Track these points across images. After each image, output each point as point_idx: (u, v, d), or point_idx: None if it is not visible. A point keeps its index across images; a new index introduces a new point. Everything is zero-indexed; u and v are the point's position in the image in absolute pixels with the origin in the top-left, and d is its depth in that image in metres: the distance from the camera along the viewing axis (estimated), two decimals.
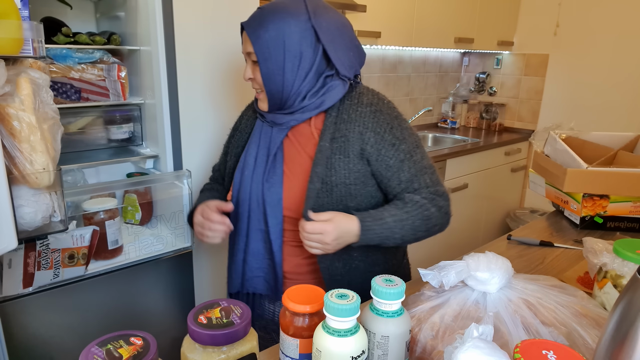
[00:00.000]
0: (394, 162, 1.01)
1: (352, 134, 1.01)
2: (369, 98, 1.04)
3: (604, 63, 2.95)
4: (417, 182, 1.02)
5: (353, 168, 1.01)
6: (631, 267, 0.80)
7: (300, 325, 0.64)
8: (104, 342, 0.53)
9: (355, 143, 1.01)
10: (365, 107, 1.02)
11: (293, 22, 0.97)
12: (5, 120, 0.85)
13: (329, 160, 1.01)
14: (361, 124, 1.01)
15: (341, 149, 1.01)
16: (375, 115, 1.01)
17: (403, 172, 1.01)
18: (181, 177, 1.46)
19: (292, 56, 0.98)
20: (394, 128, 1.02)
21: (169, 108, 1.45)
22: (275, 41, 0.97)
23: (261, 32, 0.98)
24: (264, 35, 0.97)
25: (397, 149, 1.01)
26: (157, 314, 1.49)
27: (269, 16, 0.98)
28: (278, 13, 0.98)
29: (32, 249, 1.13)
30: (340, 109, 1.04)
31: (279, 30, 0.97)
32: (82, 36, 1.43)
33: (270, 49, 0.98)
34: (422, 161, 1.04)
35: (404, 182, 1.02)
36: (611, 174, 1.27)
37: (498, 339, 0.65)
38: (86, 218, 1.29)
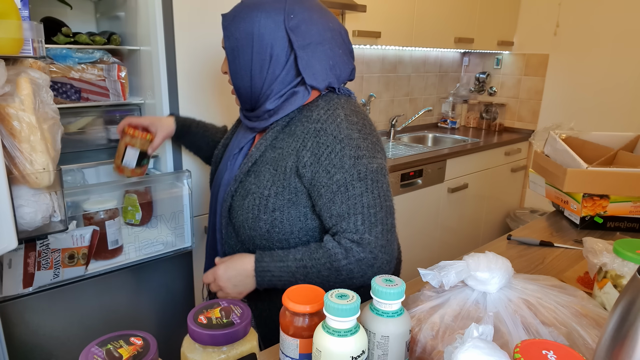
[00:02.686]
0: (324, 192, 0.90)
1: (288, 149, 0.94)
2: (319, 114, 0.93)
3: (604, 63, 2.95)
4: (345, 222, 0.89)
5: (278, 182, 0.93)
6: (631, 267, 0.80)
7: (300, 325, 0.64)
8: (104, 342, 0.53)
9: (289, 159, 0.93)
10: (312, 124, 0.92)
11: (265, 21, 0.92)
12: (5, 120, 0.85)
13: (255, 167, 0.98)
14: (300, 140, 0.92)
15: (274, 160, 0.95)
16: (317, 134, 0.90)
17: (334, 205, 0.89)
18: (181, 177, 1.46)
19: (261, 58, 0.93)
20: (332, 153, 0.89)
21: (169, 108, 1.45)
22: (244, 39, 0.93)
23: (232, 27, 0.94)
24: (234, 32, 0.94)
25: (330, 177, 0.89)
26: (157, 314, 1.49)
27: (243, 12, 0.94)
28: (253, 10, 0.93)
29: (32, 249, 1.13)
30: (293, 120, 0.96)
31: (249, 29, 0.92)
32: (82, 36, 1.43)
33: (239, 47, 0.94)
34: (361, 197, 0.88)
35: (334, 217, 0.90)
36: (611, 174, 1.27)
37: (498, 339, 0.65)
38: (86, 218, 1.29)
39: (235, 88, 1.00)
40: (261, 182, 0.96)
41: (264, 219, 0.95)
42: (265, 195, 0.95)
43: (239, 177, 0.99)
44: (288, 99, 0.95)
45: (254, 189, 0.96)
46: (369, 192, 0.89)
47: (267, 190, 0.95)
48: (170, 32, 1.39)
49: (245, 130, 1.06)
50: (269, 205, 0.95)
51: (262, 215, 0.95)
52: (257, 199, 0.95)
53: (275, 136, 0.97)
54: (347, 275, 0.88)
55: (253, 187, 0.96)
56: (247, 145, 1.05)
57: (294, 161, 0.93)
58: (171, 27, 1.39)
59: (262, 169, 0.96)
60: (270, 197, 0.94)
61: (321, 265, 0.89)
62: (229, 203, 1.00)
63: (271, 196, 0.94)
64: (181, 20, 1.40)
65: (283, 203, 0.94)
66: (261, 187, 0.95)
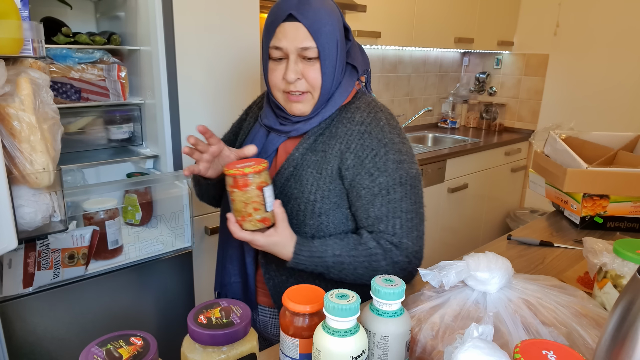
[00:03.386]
0: (365, 194, 0.91)
1: (331, 151, 0.93)
2: (362, 116, 0.93)
3: (604, 63, 2.95)
4: (383, 224, 0.90)
5: (323, 186, 0.92)
6: (631, 267, 0.80)
7: (300, 325, 0.64)
8: (104, 342, 0.53)
9: (333, 161, 0.92)
10: (355, 126, 0.92)
11: (336, 17, 0.91)
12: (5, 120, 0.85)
13: (296, 171, 0.94)
14: (344, 142, 0.92)
15: (316, 164, 0.93)
16: (362, 136, 0.92)
17: (373, 207, 0.90)
18: (181, 177, 1.46)
19: (342, 54, 0.93)
20: (377, 156, 0.90)
21: (169, 108, 1.45)
22: (332, 36, 0.89)
23: (321, 25, 0.88)
24: (324, 29, 0.88)
25: (373, 180, 0.90)
26: (157, 314, 1.49)
27: (321, 9, 0.89)
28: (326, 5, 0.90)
29: (32, 249, 1.13)
30: (334, 121, 0.95)
31: (333, 25, 0.90)
32: (82, 36, 1.43)
33: (330, 45, 0.90)
34: (400, 202, 0.90)
35: (372, 218, 0.91)
36: (611, 174, 1.27)
37: (498, 339, 0.65)
38: (86, 218, 1.29)
39: (323, 93, 0.93)
40: (304, 186, 0.93)
41: (310, 224, 0.93)
42: (312, 200, 0.92)
43: (279, 182, 0.96)
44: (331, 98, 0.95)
45: (297, 194, 0.93)
46: (407, 198, 0.91)
47: (312, 194, 0.92)
48: (170, 32, 1.39)
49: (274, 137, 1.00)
50: (315, 210, 0.93)
51: (308, 220, 0.93)
52: (302, 204, 0.93)
53: (315, 139, 0.95)
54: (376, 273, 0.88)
55: (295, 192, 0.94)
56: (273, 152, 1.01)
57: (338, 163, 0.92)
58: (171, 27, 1.39)
59: (304, 173, 0.94)
60: (317, 201, 0.92)
61: (359, 264, 0.89)
62: None
63: (317, 200, 0.92)
64: (181, 20, 1.40)
65: (329, 207, 0.93)
66: (305, 192, 0.93)
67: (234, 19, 1.53)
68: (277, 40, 0.89)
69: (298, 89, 0.91)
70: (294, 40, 0.87)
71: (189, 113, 1.50)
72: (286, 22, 0.87)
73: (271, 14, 0.91)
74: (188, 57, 1.45)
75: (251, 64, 1.62)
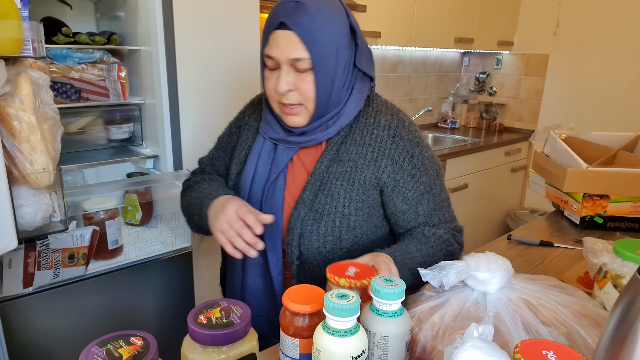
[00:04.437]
0: (412, 195, 0.91)
1: (363, 160, 0.89)
2: (387, 119, 0.91)
3: (604, 63, 2.95)
4: (436, 217, 0.93)
5: (356, 197, 0.89)
6: (631, 267, 0.79)
7: (300, 325, 0.64)
8: (104, 342, 0.53)
9: (367, 171, 0.89)
10: (383, 131, 0.90)
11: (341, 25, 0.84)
12: (5, 120, 0.85)
13: (324, 185, 0.89)
14: (376, 149, 0.89)
15: (345, 175, 0.89)
16: (393, 140, 0.89)
17: (422, 205, 0.92)
18: (181, 177, 1.46)
19: (344, 62, 0.86)
20: (414, 157, 0.90)
21: (169, 108, 1.45)
22: (329, 45, 0.82)
23: (316, 34, 0.81)
24: (319, 38, 0.81)
25: (417, 180, 0.90)
26: (157, 314, 1.49)
27: (319, 15, 0.81)
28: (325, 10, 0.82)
29: (32, 249, 1.13)
30: (353, 128, 0.91)
31: (332, 32, 0.82)
32: (82, 36, 1.43)
33: (326, 55, 0.83)
34: (441, 194, 0.94)
35: (422, 216, 0.92)
36: (611, 174, 1.27)
37: (498, 339, 0.65)
38: (86, 218, 1.29)
39: (317, 105, 0.87)
40: (337, 200, 0.89)
41: (346, 239, 0.90)
42: (346, 214, 0.89)
43: (308, 199, 0.89)
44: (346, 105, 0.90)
45: (329, 209, 0.89)
46: (444, 188, 0.97)
47: (346, 208, 0.89)
48: (170, 32, 1.39)
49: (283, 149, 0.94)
50: (350, 224, 0.89)
51: (344, 235, 0.90)
52: (336, 220, 0.89)
53: (338, 148, 0.91)
54: (452, 258, 0.92)
55: (327, 208, 0.89)
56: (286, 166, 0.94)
57: (373, 172, 0.89)
58: (171, 27, 1.39)
59: (333, 186, 0.89)
60: (352, 215, 0.89)
61: (439, 252, 0.90)
62: (299, 230, 0.89)
63: (352, 214, 0.89)
64: (181, 20, 1.40)
65: (363, 218, 0.91)
66: (339, 206, 0.89)
67: (234, 19, 1.53)
68: (270, 48, 0.84)
69: (290, 101, 0.86)
70: (285, 50, 0.82)
71: (189, 113, 1.50)
72: (278, 30, 0.82)
73: (267, 19, 0.86)
74: (188, 57, 1.45)
75: (251, 64, 1.62)
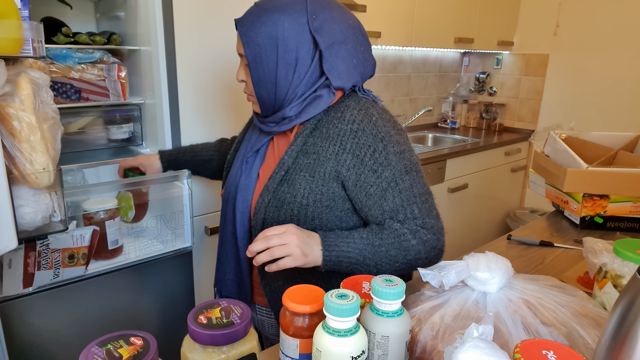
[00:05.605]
0: (374, 190, 0.89)
1: (325, 153, 0.90)
2: (353, 114, 0.91)
3: (604, 63, 2.95)
4: (402, 214, 0.89)
5: (316, 189, 0.91)
6: (631, 267, 0.80)
7: (300, 325, 0.63)
8: (104, 342, 0.53)
9: (328, 164, 0.90)
10: (346, 125, 0.90)
11: (289, 24, 0.88)
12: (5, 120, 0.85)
13: (288, 175, 0.93)
14: (338, 142, 0.90)
15: (308, 167, 0.92)
16: (355, 135, 0.89)
17: (386, 201, 0.89)
18: (181, 177, 1.46)
19: (286, 63, 0.90)
20: (376, 152, 0.89)
21: (169, 108, 1.45)
22: (268, 45, 0.88)
23: (253, 33, 0.88)
24: (255, 38, 0.88)
25: (379, 176, 0.89)
26: (157, 314, 1.49)
27: (263, 16, 0.88)
28: (273, 13, 0.88)
29: (32, 249, 1.13)
30: (321, 122, 0.93)
31: (272, 34, 0.88)
32: (82, 36, 1.43)
33: (262, 54, 0.89)
34: (412, 189, 0.90)
35: (387, 212, 0.90)
36: (611, 174, 1.27)
37: (498, 339, 0.65)
38: (86, 218, 1.29)
39: (258, 96, 0.94)
40: (297, 190, 0.92)
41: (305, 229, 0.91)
42: (304, 204, 0.91)
43: (272, 187, 0.94)
44: (311, 103, 0.93)
45: (290, 199, 0.92)
46: (417, 183, 0.91)
47: (305, 199, 0.91)
48: (170, 32, 1.39)
49: (260, 133, 1.02)
50: (308, 214, 0.92)
51: (302, 225, 0.92)
52: (295, 209, 0.92)
53: (305, 141, 0.94)
54: (415, 255, 0.88)
55: (288, 197, 0.92)
56: (263, 147, 1.02)
57: (334, 165, 0.90)
58: (171, 27, 1.39)
59: (296, 177, 0.92)
60: (309, 205, 0.91)
61: (390, 244, 0.87)
62: (262, 215, 0.95)
63: (309, 205, 0.91)
64: (181, 20, 1.40)
65: (321, 210, 0.92)
66: (298, 196, 0.91)
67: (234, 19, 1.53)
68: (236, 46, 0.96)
69: (245, 91, 0.99)
70: (237, 47, 0.95)
71: (189, 113, 1.50)
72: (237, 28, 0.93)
73: None
74: (188, 57, 1.45)
75: None
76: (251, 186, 1.00)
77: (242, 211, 1.00)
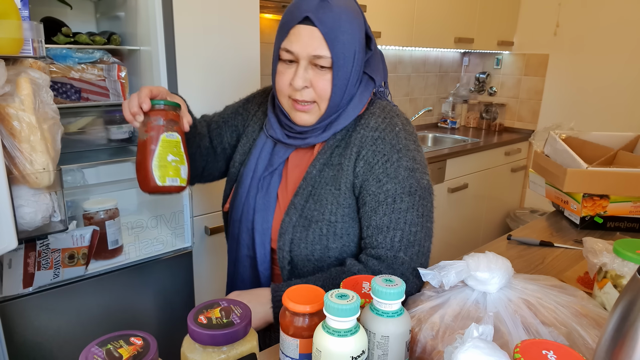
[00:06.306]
0: (369, 200, 0.83)
1: (346, 162, 0.86)
2: (377, 122, 0.87)
3: (604, 63, 2.95)
4: (382, 235, 0.82)
5: (343, 202, 0.85)
6: (631, 267, 0.80)
7: (300, 325, 0.63)
8: (104, 342, 0.53)
9: (349, 172, 0.86)
10: (369, 132, 0.86)
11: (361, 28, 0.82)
12: (5, 120, 0.85)
13: (315, 190, 0.87)
14: (358, 149, 0.85)
15: (334, 179, 0.86)
16: (374, 142, 0.85)
17: (376, 216, 0.83)
18: None
19: (358, 66, 0.84)
20: (388, 162, 0.83)
21: None
22: (349, 46, 0.81)
23: (339, 33, 0.79)
24: (341, 38, 0.79)
25: (381, 186, 0.83)
26: (157, 314, 1.49)
27: (343, 14, 0.79)
28: (348, 11, 0.80)
29: (32, 249, 1.13)
30: (350, 131, 0.88)
31: (352, 34, 0.81)
32: (82, 36, 1.43)
33: (345, 56, 0.81)
34: (405, 213, 0.82)
35: (372, 228, 0.83)
36: (611, 174, 1.27)
37: (498, 339, 0.65)
38: (86, 218, 1.29)
39: (331, 105, 0.85)
40: (324, 207, 0.85)
41: (334, 248, 0.86)
42: (333, 221, 0.85)
43: (299, 204, 0.87)
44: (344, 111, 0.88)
45: (317, 217, 0.85)
46: (414, 209, 0.83)
47: (333, 215, 0.85)
48: (170, 32, 1.39)
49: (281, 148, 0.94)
50: (337, 232, 0.85)
51: (332, 244, 0.86)
52: (323, 227, 0.85)
53: (332, 152, 0.88)
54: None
55: (316, 215, 0.85)
56: (281, 165, 0.94)
57: (352, 172, 0.85)
58: (171, 27, 1.39)
59: (323, 192, 0.86)
60: (338, 222, 0.85)
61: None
62: (289, 235, 0.87)
63: (338, 221, 0.85)
64: (181, 20, 1.40)
65: (350, 224, 0.86)
66: (326, 212, 0.85)
67: (234, 19, 1.53)
68: (289, 42, 0.81)
69: (304, 98, 0.84)
70: (307, 46, 0.80)
71: None
72: (301, 25, 0.79)
73: (288, 13, 0.83)
74: (188, 57, 1.45)
75: (251, 64, 1.62)
76: (271, 206, 0.92)
77: (262, 233, 0.92)
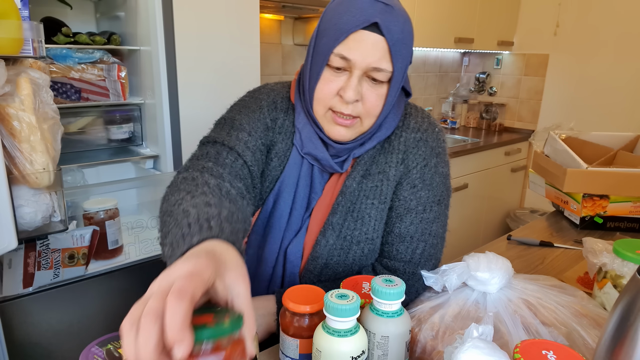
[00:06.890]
0: (398, 205, 0.78)
1: (391, 169, 0.78)
2: (417, 121, 0.81)
3: (604, 63, 2.95)
4: (404, 245, 0.77)
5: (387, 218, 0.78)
6: (631, 267, 0.79)
7: (300, 325, 0.63)
8: (104, 342, 0.53)
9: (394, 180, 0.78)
10: (410, 133, 0.79)
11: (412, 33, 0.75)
12: (5, 120, 0.85)
13: (354, 206, 0.77)
14: (401, 152, 0.78)
15: (376, 191, 0.78)
16: (417, 144, 0.79)
17: (401, 223, 0.77)
18: None
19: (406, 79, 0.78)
20: (427, 167, 0.78)
21: (169, 108, 1.45)
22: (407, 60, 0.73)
23: (402, 46, 0.70)
24: (404, 52, 0.71)
25: (414, 192, 0.77)
26: None
27: (407, 24, 0.72)
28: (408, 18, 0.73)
29: (32, 249, 1.13)
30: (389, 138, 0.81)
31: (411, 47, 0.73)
32: (82, 36, 1.43)
33: (403, 70, 0.73)
34: (432, 224, 0.78)
35: (393, 235, 0.78)
36: (611, 174, 1.27)
37: (498, 339, 0.65)
38: (86, 218, 1.29)
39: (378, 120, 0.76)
40: (367, 224, 0.77)
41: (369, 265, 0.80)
42: (374, 238, 0.78)
43: (337, 224, 0.78)
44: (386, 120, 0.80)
45: (359, 236, 0.77)
46: (439, 220, 0.79)
47: (375, 232, 0.78)
48: (170, 32, 1.39)
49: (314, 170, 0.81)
50: (376, 249, 0.79)
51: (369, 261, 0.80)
52: (365, 248, 0.78)
53: (372, 160, 0.80)
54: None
55: (357, 234, 0.77)
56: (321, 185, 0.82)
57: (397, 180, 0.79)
58: (171, 27, 1.39)
59: (363, 207, 0.78)
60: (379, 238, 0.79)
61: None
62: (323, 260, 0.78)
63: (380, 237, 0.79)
64: (181, 20, 1.40)
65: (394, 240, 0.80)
66: (369, 231, 0.77)
67: (234, 19, 1.53)
68: (347, 49, 0.69)
69: (350, 113, 0.73)
70: (368, 55, 0.69)
71: (189, 113, 1.50)
72: (366, 31, 0.68)
73: (346, 13, 0.69)
74: (188, 57, 1.45)
75: (251, 64, 1.62)
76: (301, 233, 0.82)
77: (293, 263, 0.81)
